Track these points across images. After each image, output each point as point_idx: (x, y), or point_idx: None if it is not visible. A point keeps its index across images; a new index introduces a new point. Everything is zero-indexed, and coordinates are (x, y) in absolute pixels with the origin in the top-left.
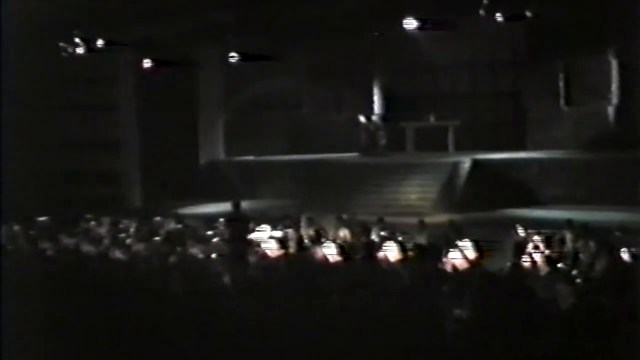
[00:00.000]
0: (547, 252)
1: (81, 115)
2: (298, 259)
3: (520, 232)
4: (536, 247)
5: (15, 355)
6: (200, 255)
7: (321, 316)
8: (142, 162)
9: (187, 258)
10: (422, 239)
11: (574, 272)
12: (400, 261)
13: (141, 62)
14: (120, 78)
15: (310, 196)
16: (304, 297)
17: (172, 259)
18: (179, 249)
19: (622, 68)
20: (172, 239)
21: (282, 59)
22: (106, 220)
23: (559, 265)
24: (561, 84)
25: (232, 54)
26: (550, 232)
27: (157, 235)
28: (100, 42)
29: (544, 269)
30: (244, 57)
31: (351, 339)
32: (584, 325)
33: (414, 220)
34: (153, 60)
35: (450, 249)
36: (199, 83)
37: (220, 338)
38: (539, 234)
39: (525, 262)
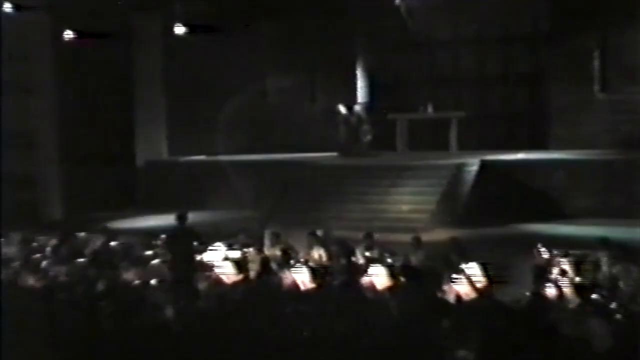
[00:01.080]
0: (576, 278)
1: None
2: (261, 286)
3: (543, 253)
4: (563, 273)
5: None
6: (137, 282)
7: (290, 357)
8: (61, 162)
9: (119, 285)
10: (417, 261)
11: (612, 304)
12: (390, 289)
13: (60, 33)
14: (32, 54)
15: (276, 206)
16: (268, 334)
17: (101, 286)
18: (109, 273)
19: None
20: (100, 260)
21: (239, 31)
22: (15, 236)
23: (593, 295)
24: (595, 64)
25: (177, 24)
26: (581, 254)
27: (82, 256)
28: (7, 7)
29: (573, 300)
30: (191, 28)
31: None
32: None
33: (406, 237)
34: (75, 30)
35: (453, 274)
36: (135, 61)
37: None
38: (566, 255)
39: (549, 291)
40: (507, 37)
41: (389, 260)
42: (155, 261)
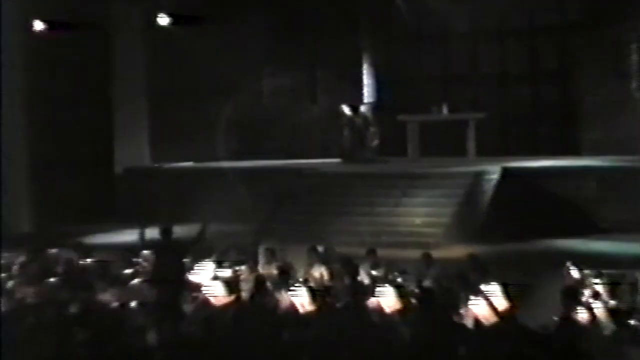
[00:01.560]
0: (611, 301)
1: None
2: (254, 308)
3: (573, 272)
4: (595, 295)
5: None
6: (115, 304)
7: None
8: (30, 169)
9: (95, 308)
10: (429, 281)
11: None
12: (400, 312)
13: (29, 23)
14: None
15: (271, 219)
16: None
17: (74, 308)
18: (83, 294)
19: None
20: (73, 280)
21: (229, 22)
22: None
23: (630, 321)
24: (632, 59)
25: (161, 14)
26: (616, 273)
27: (53, 275)
28: None
29: (607, 325)
30: (176, 19)
31: None
32: None
33: (418, 253)
34: (46, 21)
35: (471, 296)
36: (114, 55)
37: None
38: (599, 275)
39: (581, 315)
40: (532, 29)
41: (399, 279)
42: (136, 281)
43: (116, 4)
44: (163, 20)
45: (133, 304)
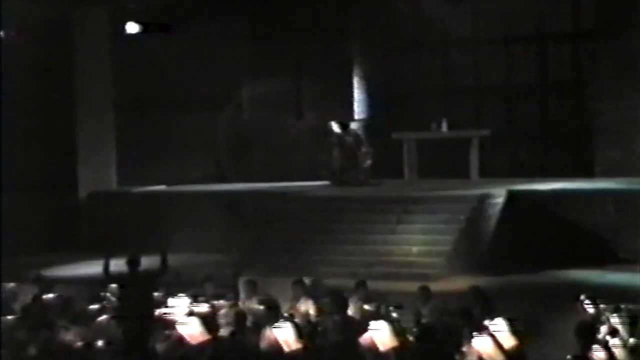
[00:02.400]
0: (630, 339)
1: None
2: (234, 346)
3: (588, 306)
4: (613, 332)
5: None
6: (79, 344)
7: None
8: None
9: (56, 348)
10: (428, 316)
11: None
12: (395, 350)
13: None
14: None
15: (253, 248)
16: None
17: (33, 350)
18: (43, 333)
19: None
20: (32, 317)
21: (205, 30)
22: None
23: None
24: None
25: (130, 22)
26: (636, 308)
27: (9, 313)
28: None
29: None
30: (145, 26)
31: None
32: None
33: (415, 286)
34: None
35: (474, 332)
36: (77, 65)
37: None
38: (617, 310)
39: (597, 354)
40: (541, 37)
41: (394, 315)
42: (103, 317)
43: (80, 10)
44: (131, 27)
45: (99, 343)
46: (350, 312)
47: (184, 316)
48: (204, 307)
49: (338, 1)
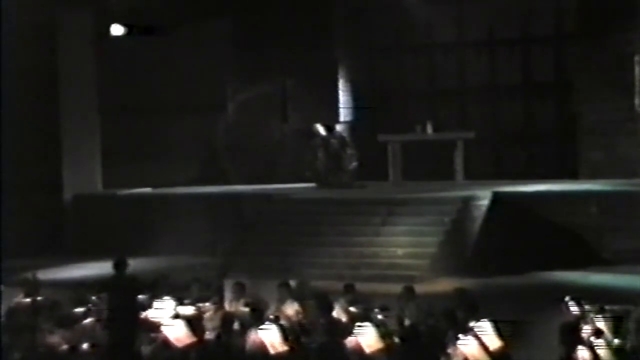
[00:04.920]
0: (615, 340)
1: None
2: (220, 349)
3: (572, 307)
4: (597, 332)
5: None
6: (64, 347)
7: None
8: None
9: (41, 351)
10: (413, 317)
11: None
12: (381, 352)
13: None
14: None
15: (238, 250)
16: None
17: (17, 354)
18: (28, 337)
19: None
20: (17, 320)
21: (189, 32)
22: None
23: None
24: (635, 72)
25: (114, 25)
26: (620, 309)
27: None
28: None
29: None
30: (130, 28)
31: None
32: None
33: (400, 287)
34: None
35: (459, 334)
36: (62, 67)
37: None
38: (601, 310)
39: (581, 355)
40: (525, 40)
41: (380, 317)
42: (88, 320)
43: (65, 11)
44: (116, 29)
45: (84, 346)
46: (335, 314)
47: (170, 319)
48: (189, 310)
49: (323, 4)
